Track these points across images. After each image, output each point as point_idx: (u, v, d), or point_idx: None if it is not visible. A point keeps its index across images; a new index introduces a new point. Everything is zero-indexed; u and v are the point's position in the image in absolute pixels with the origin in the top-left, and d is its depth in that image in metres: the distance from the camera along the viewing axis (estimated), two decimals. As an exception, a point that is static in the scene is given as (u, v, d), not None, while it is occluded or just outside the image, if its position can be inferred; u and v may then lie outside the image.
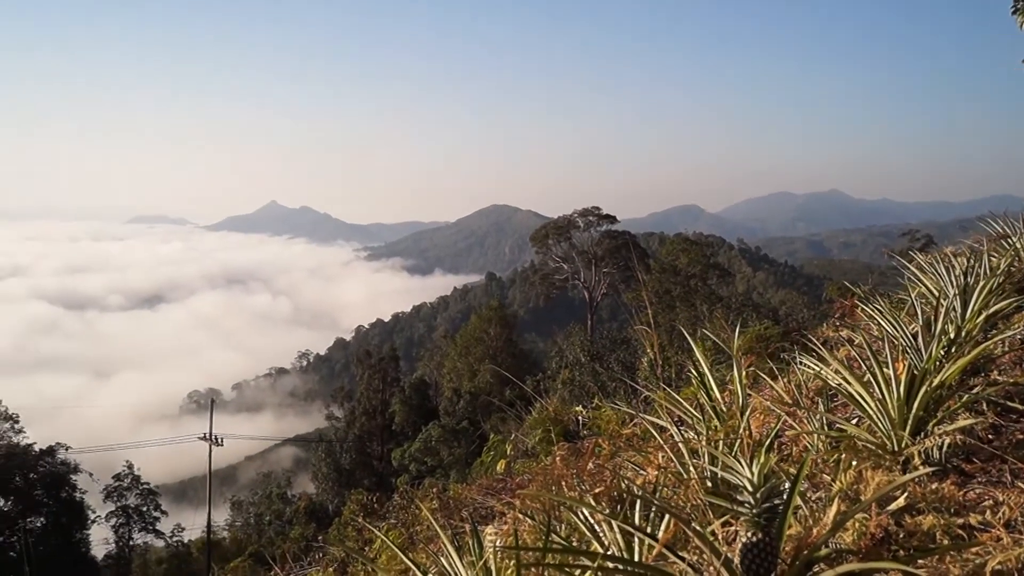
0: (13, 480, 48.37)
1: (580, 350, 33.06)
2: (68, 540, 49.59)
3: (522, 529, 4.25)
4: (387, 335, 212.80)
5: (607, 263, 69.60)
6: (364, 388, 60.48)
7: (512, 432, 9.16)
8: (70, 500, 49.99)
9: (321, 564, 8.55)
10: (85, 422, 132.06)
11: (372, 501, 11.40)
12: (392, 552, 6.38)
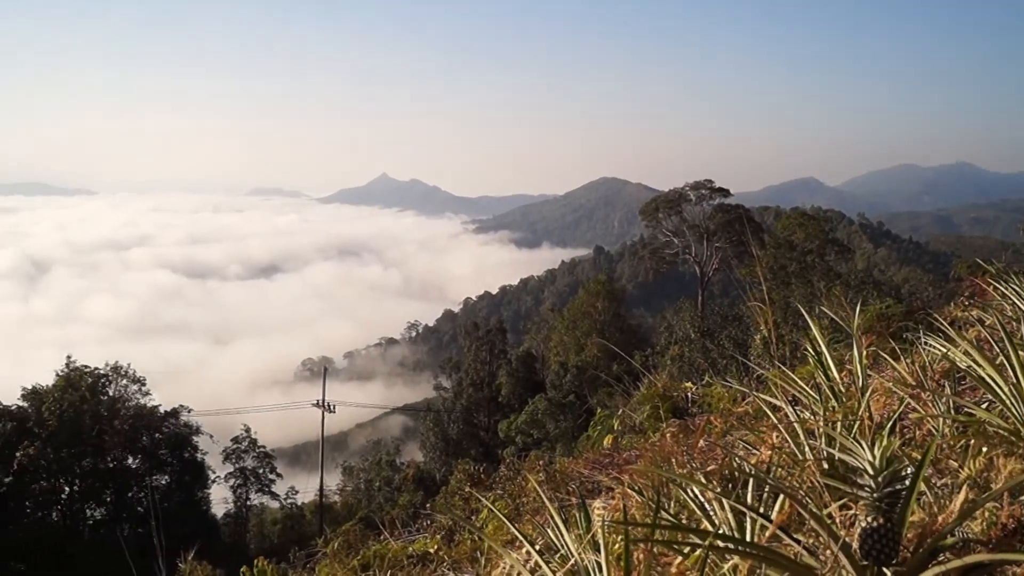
0: (141, 440, 50.81)
1: (690, 326, 32.68)
2: (190, 498, 51.84)
3: (630, 505, 4.20)
4: (494, 308, 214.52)
5: (719, 238, 68.29)
6: (471, 360, 61.15)
7: (619, 407, 9.09)
8: (192, 460, 52.20)
9: (429, 531, 8.67)
10: (205, 386, 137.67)
11: (478, 471, 11.50)
12: (499, 522, 6.43)
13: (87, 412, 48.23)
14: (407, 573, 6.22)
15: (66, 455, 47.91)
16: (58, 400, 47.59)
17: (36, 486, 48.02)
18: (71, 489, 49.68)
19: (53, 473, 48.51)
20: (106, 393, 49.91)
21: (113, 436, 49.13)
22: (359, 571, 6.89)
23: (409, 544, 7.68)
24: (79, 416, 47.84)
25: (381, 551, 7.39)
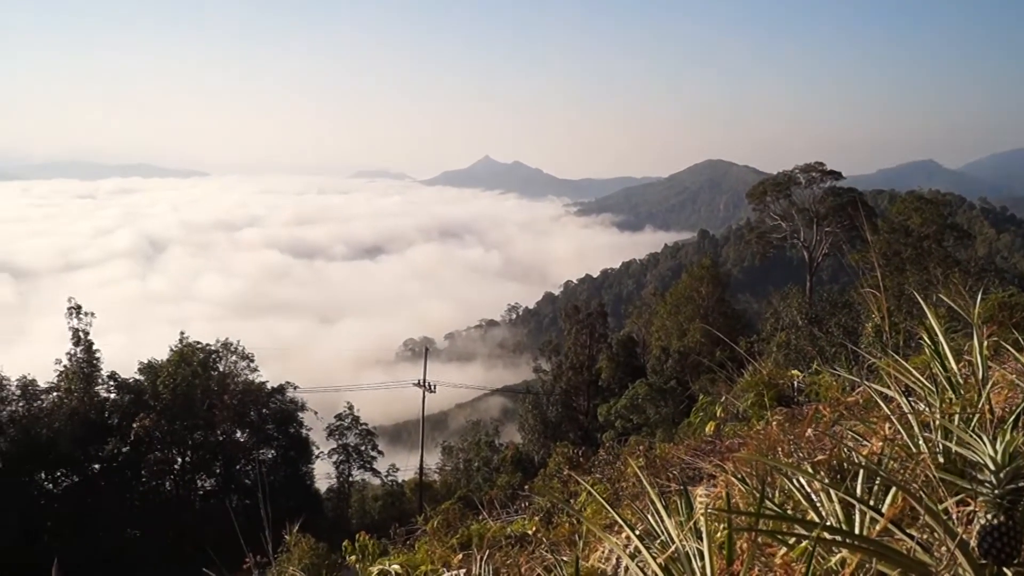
0: (249, 414, 52.49)
1: (797, 312, 31.94)
2: (295, 472, 53.34)
3: (733, 493, 4.12)
4: (595, 291, 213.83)
5: (830, 222, 66.41)
6: (571, 343, 61.10)
7: (722, 394, 8.93)
8: (297, 436, 53.67)
9: (527, 513, 8.71)
10: (310, 364, 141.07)
11: (577, 455, 11.48)
12: (598, 506, 6.40)
13: (199, 386, 50.06)
14: (505, 553, 6.25)
15: (179, 427, 49.87)
16: (172, 374, 49.51)
17: (151, 456, 50.15)
18: (183, 460, 51.71)
19: (167, 444, 50.58)
20: (217, 368, 51.71)
21: (223, 410, 50.86)
22: (458, 549, 6.96)
23: (507, 525, 7.72)
24: (191, 390, 49.69)
25: (480, 530, 7.45)
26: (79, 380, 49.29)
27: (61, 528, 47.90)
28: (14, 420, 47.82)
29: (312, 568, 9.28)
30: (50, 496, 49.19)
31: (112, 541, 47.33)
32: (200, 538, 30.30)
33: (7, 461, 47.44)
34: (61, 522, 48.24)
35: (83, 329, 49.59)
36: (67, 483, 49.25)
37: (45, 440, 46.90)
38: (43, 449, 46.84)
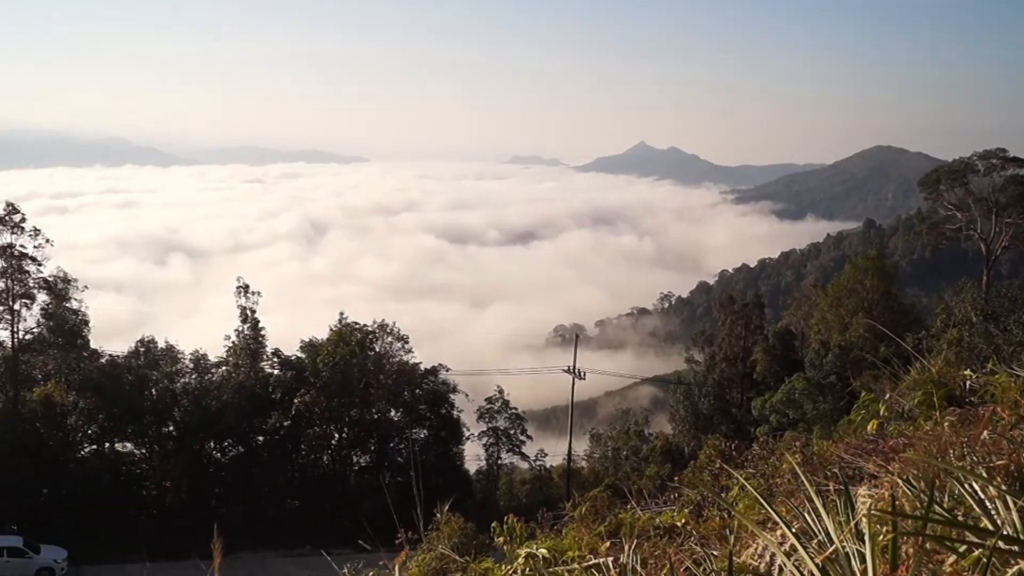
0: (403, 394, 53.97)
1: (972, 308, 30.30)
2: (446, 452, 54.53)
3: (899, 495, 3.90)
4: (752, 281, 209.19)
5: (1011, 212, 62.35)
6: (726, 334, 59.93)
7: (886, 391, 8.52)
8: (448, 417, 54.80)
9: (676, 504, 8.57)
10: (462, 347, 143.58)
11: (730, 448, 11.22)
12: (751, 501, 6.21)
13: (356, 365, 51.81)
14: (653, 544, 6.15)
15: (336, 404, 51.79)
16: (331, 353, 51.43)
17: (310, 431, 52.35)
18: (340, 436, 53.72)
19: (325, 420, 52.66)
20: (373, 349, 53.36)
21: (378, 389, 52.48)
22: (605, 537, 6.90)
23: (656, 515, 7.62)
24: (349, 368, 51.49)
25: (628, 520, 7.37)
26: (246, 356, 51.93)
27: (227, 495, 50.71)
28: (187, 391, 50.90)
29: (461, 547, 9.43)
30: (218, 464, 52.15)
31: (273, 510, 49.76)
32: (355, 512, 31.42)
33: (181, 429, 50.59)
34: (227, 489, 51.07)
35: (250, 307, 52.20)
36: (233, 452, 52.09)
37: (214, 411, 49.71)
38: (212, 419, 49.67)
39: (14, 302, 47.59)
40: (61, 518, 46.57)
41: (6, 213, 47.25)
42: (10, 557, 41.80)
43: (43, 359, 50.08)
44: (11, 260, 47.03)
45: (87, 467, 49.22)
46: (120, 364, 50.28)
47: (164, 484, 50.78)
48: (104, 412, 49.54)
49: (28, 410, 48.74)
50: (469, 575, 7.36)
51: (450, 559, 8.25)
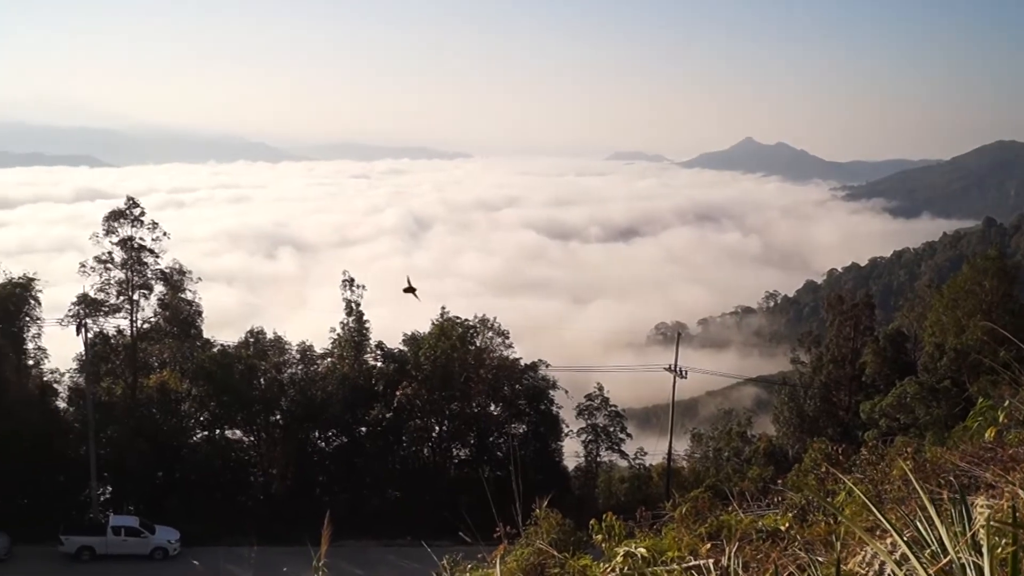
0: (503, 389, 54.29)
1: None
2: (545, 448, 54.63)
3: (1019, 506, 3.71)
4: (862, 280, 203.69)
5: None
6: (834, 334, 58.30)
7: (1006, 398, 8.15)
8: (547, 413, 54.85)
9: (780, 508, 8.38)
10: (561, 343, 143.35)
11: (837, 452, 10.90)
12: (859, 507, 6.02)
13: (457, 359, 52.33)
14: (756, 547, 6.02)
15: (437, 397, 52.44)
16: (433, 347, 52.07)
17: (412, 423, 53.14)
18: (440, 429, 54.37)
19: (426, 413, 53.36)
20: (474, 343, 53.80)
21: (478, 383, 52.92)
22: (706, 539, 6.79)
23: (759, 518, 7.46)
24: (450, 362, 52.05)
25: (730, 522, 7.24)
26: (350, 348, 53.03)
27: (331, 483, 51.96)
28: (294, 382, 52.32)
29: (559, 543, 9.41)
30: (322, 453, 53.44)
31: (374, 500, 50.72)
32: (454, 504, 31.75)
33: (287, 418, 52.04)
34: (331, 478, 52.31)
35: (355, 300, 53.27)
36: (337, 442, 53.29)
37: (320, 401, 50.98)
38: (318, 410, 50.96)
39: (133, 292, 49.76)
40: (174, 500, 48.54)
41: (127, 207, 49.47)
42: (127, 536, 43.77)
43: (159, 347, 52.20)
44: (131, 252, 49.18)
45: (199, 452, 51.10)
46: (231, 354, 51.98)
47: (271, 471, 52.32)
48: (215, 400, 51.39)
49: (145, 396, 50.94)
50: (567, 571, 7.33)
51: (548, 555, 8.23)
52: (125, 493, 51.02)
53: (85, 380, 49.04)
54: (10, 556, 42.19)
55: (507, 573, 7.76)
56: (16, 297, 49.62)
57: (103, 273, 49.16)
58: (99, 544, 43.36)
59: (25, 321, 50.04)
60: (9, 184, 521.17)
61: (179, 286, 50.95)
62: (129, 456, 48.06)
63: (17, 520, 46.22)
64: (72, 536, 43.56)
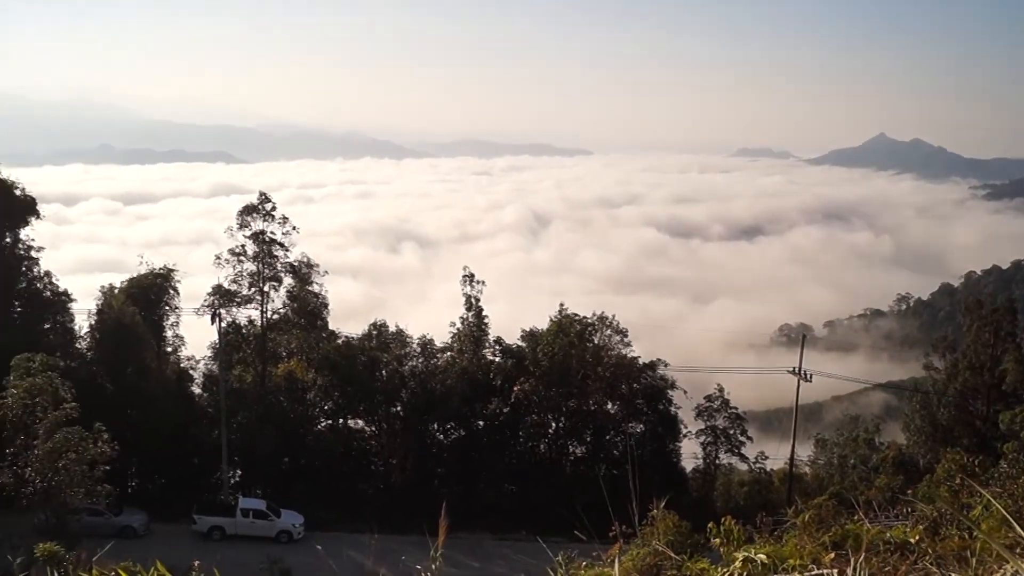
0: (620, 387, 53.99)
1: None
2: (662, 448, 54.10)
3: None
4: (1003, 284, 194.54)
5: None
6: (971, 340, 55.64)
7: None
8: (665, 413, 54.30)
9: (909, 519, 8.03)
10: (681, 343, 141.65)
11: (973, 463, 10.40)
12: (997, 522, 5.70)
13: (574, 356, 52.32)
14: (883, 559, 5.78)
15: (554, 393, 52.54)
16: (551, 343, 52.19)
17: (528, 418, 53.41)
18: (557, 425, 54.49)
19: (543, 409, 53.55)
20: (592, 340, 53.67)
21: (595, 381, 52.76)
22: (830, 548, 6.56)
23: (886, 529, 7.16)
24: (567, 359, 52.08)
25: (855, 531, 6.98)
26: (470, 342, 53.72)
27: (448, 475, 52.72)
28: (414, 374, 53.33)
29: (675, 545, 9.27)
30: (440, 445, 54.32)
31: (490, 493, 51.21)
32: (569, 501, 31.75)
33: (407, 410, 53.09)
34: (448, 470, 53.08)
35: (475, 296, 53.94)
36: (455, 435, 54.10)
37: (439, 394, 51.86)
38: (437, 402, 51.86)
39: (264, 284, 51.70)
40: (299, 486, 50.17)
41: (260, 202, 51.39)
42: (255, 519, 45.49)
43: (287, 338, 53.97)
44: (263, 245, 51.08)
45: (323, 440, 52.71)
46: (354, 346, 53.35)
47: (390, 461, 53.41)
48: (339, 390, 52.85)
49: (273, 384, 52.84)
50: (684, 573, 7.20)
51: (665, 556, 8.11)
52: (253, 477, 53.05)
53: (218, 368, 51.25)
54: (148, 532, 44.35)
55: (623, 573, 7.68)
56: (157, 287, 52.46)
57: (236, 265, 51.28)
58: (229, 525, 45.19)
59: (165, 310, 52.89)
60: (152, 180, 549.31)
61: (307, 279, 52.62)
62: (258, 442, 49.98)
63: (154, 499, 48.79)
64: (204, 516, 45.56)
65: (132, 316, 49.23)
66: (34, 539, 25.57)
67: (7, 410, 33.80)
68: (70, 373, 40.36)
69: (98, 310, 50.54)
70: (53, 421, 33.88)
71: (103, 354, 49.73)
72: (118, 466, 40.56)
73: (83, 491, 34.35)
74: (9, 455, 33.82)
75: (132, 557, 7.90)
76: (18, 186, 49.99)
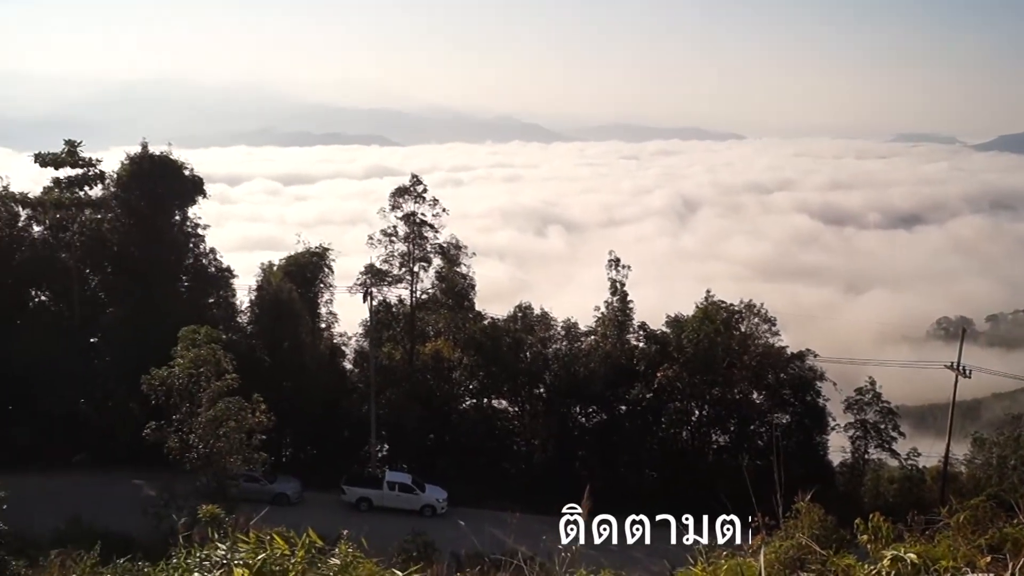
0: (766, 377, 52.94)
1: None
2: (808, 441, 52.76)
3: None
4: None
5: None
6: None
7: None
8: (814, 404, 52.90)
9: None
10: (831, 333, 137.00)
11: None
12: None
13: (720, 344, 51.59)
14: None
15: (698, 381, 51.97)
16: (696, 330, 51.61)
17: (671, 405, 53.08)
18: (700, 413, 53.93)
19: (686, 396, 53.08)
20: (738, 329, 52.83)
21: (741, 370, 51.92)
22: (986, 551, 6.42)
23: (1048, 535, 6.94)
24: (712, 347, 51.39)
25: (1015, 535, 6.80)
26: (613, 327, 53.75)
27: (589, 459, 52.97)
28: (558, 357, 53.83)
29: (821, 539, 9.18)
30: (582, 429, 54.62)
31: (631, 478, 51.16)
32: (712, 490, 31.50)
33: (550, 392, 53.66)
34: (589, 453, 53.35)
35: (620, 280, 53.88)
36: (597, 419, 54.28)
37: (582, 378, 52.16)
38: (580, 386, 52.18)
39: (414, 264, 53.22)
40: (443, 462, 51.50)
41: (411, 184, 52.85)
42: (401, 492, 46.98)
43: (435, 317, 55.41)
44: (413, 226, 52.56)
45: (467, 418, 53.84)
46: (499, 327, 54.22)
47: (532, 442, 54.09)
48: (484, 370, 53.88)
49: (420, 362, 54.38)
50: (829, 569, 7.19)
51: (809, 549, 8.07)
52: (400, 451, 54.75)
53: (369, 344, 53.15)
54: (300, 500, 46.48)
55: (766, 564, 7.71)
56: (313, 265, 54.82)
57: (388, 245, 52.96)
58: (376, 497, 46.80)
59: (320, 287, 55.26)
60: (311, 161, 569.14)
61: (455, 260, 53.86)
62: (405, 417, 51.56)
63: (306, 468, 51.10)
64: (353, 487, 47.33)
65: (289, 292, 51.60)
66: (196, 501, 27.09)
67: (175, 379, 36.08)
68: (231, 346, 42.64)
69: (258, 286, 53.26)
70: (215, 390, 35.91)
71: (261, 328, 52.35)
72: (273, 436, 42.91)
73: (241, 458, 36.36)
74: (176, 421, 36.14)
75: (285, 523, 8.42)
76: (187, 167, 53.17)
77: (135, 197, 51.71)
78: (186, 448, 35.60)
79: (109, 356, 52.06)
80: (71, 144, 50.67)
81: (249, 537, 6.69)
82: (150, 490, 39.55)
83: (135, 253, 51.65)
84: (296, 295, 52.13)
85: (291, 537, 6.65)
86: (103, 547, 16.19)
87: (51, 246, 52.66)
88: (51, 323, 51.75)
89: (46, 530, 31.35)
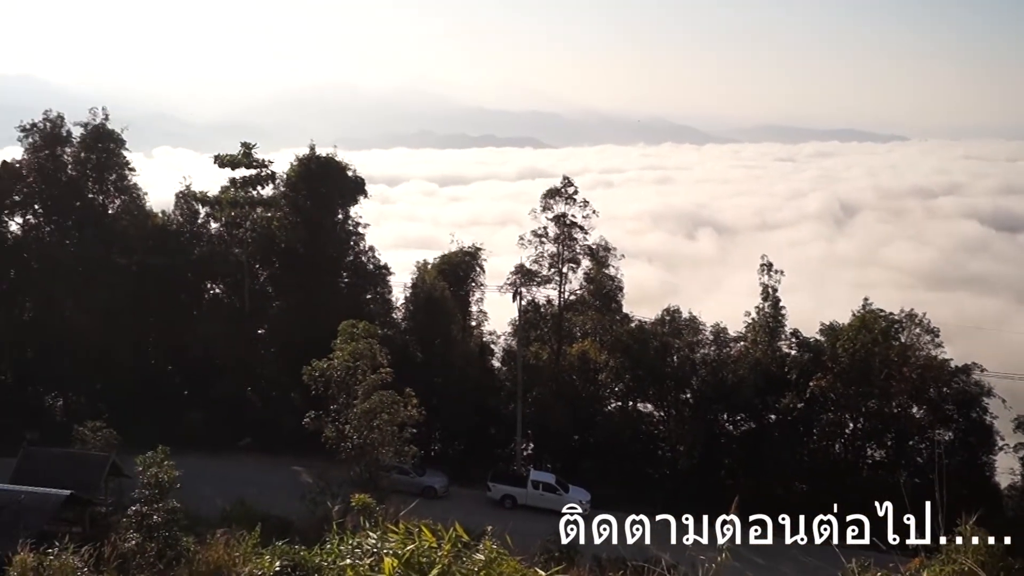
0: (927, 391, 50.44)
1: None
2: (973, 460, 50.03)
3: None
4: None
5: None
6: None
7: None
8: (979, 422, 50.12)
9: None
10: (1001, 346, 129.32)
11: None
12: None
13: (877, 355, 49.52)
14: None
15: (853, 392, 50.10)
16: (852, 339, 49.74)
17: (824, 416, 51.46)
18: (855, 426, 52.00)
19: (840, 407, 51.33)
20: (898, 339, 50.57)
21: (900, 382, 49.66)
22: None
23: None
24: (869, 357, 49.40)
25: None
26: (764, 333, 52.50)
27: (735, 467, 51.98)
28: (706, 362, 53.05)
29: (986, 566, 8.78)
30: (729, 436, 53.63)
31: (779, 490, 49.78)
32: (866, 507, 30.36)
33: (697, 398, 52.93)
34: (736, 461, 52.32)
35: (772, 286, 52.56)
36: (744, 427, 53.21)
37: (730, 384, 51.19)
38: (728, 392, 51.24)
39: (563, 265, 53.68)
40: (587, 463, 51.61)
41: (563, 186, 53.35)
42: (544, 491, 47.25)
43: (583, 319, 55.63)
44: (563, 228, 53.02)
45: (612, 421, 53.72)
46: (647, 330, 53.83)
47: (678, 447, 53.44)
48: (630, 373, 53.59)
49: (567, 363, 54.72)
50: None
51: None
52: (544, 451, 55.20)
53: (517, 343, 53.78)
54: (447, 495, 47.47)
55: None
56: (465, 264, 56.17)
57: (538, 246, 53.57)
58: (520, 495, 47.25)
59: (471, 286, 56.63)
60: (466, 163, 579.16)
61: (604, 262, 53.96)
62: (550, 417, 51.97)
63: (453, 463, 52.25)
64: (498, 484, 47.97)
65: (442, 291, 52.99)
66: (350, 489, 28.11)
67: (333, 371, 37.56)
68: (387, 340, 44.02)
69: (413, 284, 54.94)
70: (371, 383, 37.09)
71: (415, 325, 53.95)
72: (424, 430, 44.03)
73: (392, 450, 37.43)
74: (333, 411, 37.62)
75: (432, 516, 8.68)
76: (350, 168, 55.63)
77: (302, 196, 54.54)
78: (342, 438, 36.97)
79: (274, 347, 55.37)
80: (247, 146, 53.98)
81: (398, 528, 6.93)
82: (308, 477, 41.43)
83: (300, 249, 54.33)
84: (448, 293, 53.47)
85: (438, 530, 6.85)
86: (263, 528, 17.11)
87: (225, 242, 56.34)
88: (224, 315, 55.14)
89: (213, 509, 33.29)
